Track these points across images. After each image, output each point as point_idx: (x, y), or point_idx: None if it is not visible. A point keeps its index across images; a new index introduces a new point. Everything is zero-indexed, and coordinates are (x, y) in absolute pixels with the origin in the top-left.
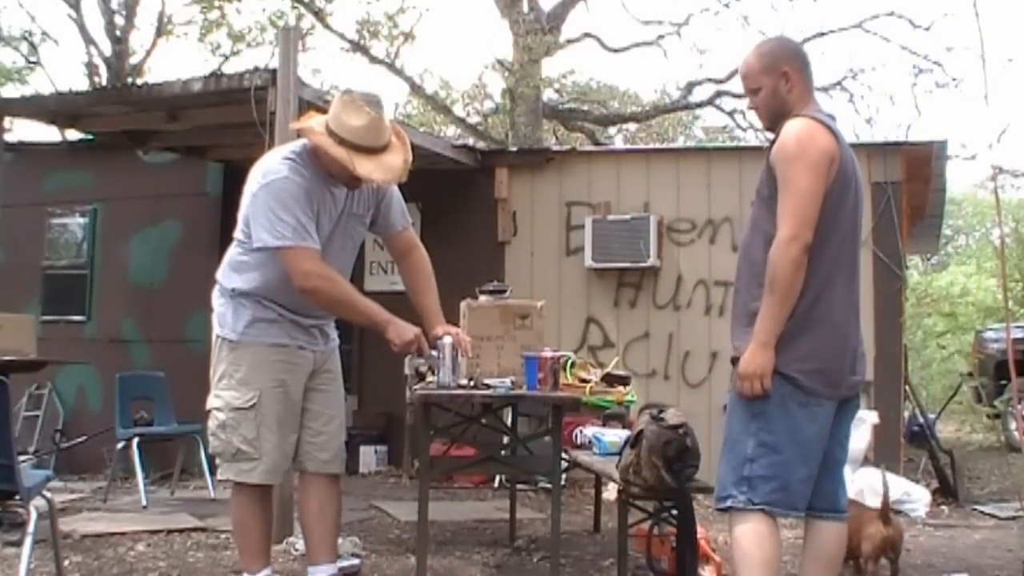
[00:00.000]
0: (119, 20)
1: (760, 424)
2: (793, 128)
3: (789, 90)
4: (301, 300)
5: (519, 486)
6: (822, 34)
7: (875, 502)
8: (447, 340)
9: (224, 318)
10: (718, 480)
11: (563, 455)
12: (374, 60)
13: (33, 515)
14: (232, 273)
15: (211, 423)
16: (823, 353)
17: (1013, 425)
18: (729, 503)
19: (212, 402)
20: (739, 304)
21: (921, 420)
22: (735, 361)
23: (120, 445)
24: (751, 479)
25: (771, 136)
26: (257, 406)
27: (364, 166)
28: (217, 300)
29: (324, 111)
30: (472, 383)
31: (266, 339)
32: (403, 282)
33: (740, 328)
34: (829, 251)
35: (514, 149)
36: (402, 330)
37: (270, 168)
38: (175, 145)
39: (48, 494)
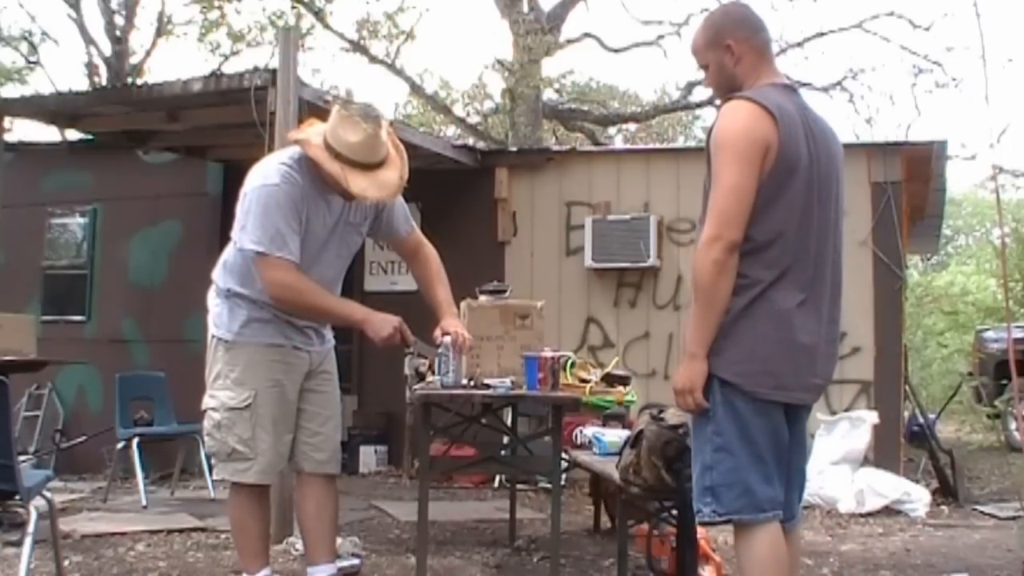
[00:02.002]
0: (119, 20)
1: (713, 427)
2: (723, 114)
3: (736, 63)
4: None
5: (519, 486)
6: (822, 34)
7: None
8: (447, 341)
9: (220, 318)
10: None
11: (563, 455)
12: (374, 60)
13: (33, 515)
14: (227, 273)
15: (207, 423)
16: (767, 353)
17: (1013, 425)
18: (699, 518)
19: (207, 402)
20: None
21: (921, 420)
22: None
23: (120, 445)
24: (713, 489)
25: None
26: (252, 406)
27: (358, 183)
28: (213, 300)
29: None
30: (472, 383)
31: (261, 339)
32: (414, 278)
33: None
34: (779, 244)
35: (514, 149)
36: (379, 326)
37: (264, 173)
38: (175, 145)
39: (48, 494)
